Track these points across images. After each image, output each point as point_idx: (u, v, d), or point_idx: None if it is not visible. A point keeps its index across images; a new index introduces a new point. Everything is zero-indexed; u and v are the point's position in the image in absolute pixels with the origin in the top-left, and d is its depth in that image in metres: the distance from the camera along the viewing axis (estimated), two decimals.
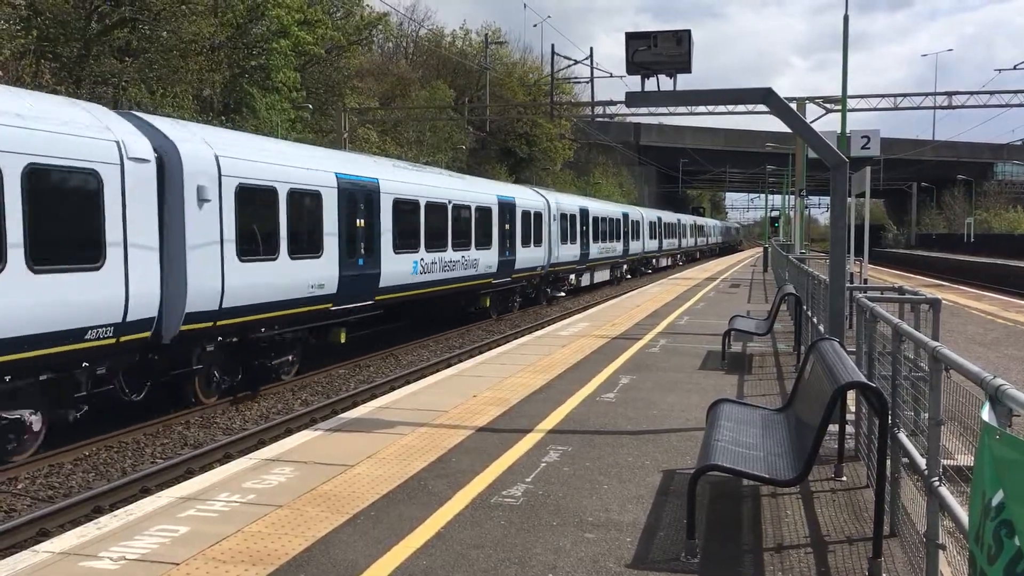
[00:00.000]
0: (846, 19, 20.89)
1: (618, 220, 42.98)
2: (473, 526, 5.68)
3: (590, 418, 8.95)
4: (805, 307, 13.23)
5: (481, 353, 16.35)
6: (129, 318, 10.85)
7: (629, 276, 45.85)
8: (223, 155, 12.68)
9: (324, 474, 6.82)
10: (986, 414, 3.08)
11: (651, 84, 8.88)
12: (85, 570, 4.94)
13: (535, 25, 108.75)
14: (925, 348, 4.76)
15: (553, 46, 68.56)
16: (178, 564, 5.01)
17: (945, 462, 4.45)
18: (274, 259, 13.81)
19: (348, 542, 5.39)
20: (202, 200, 12.06)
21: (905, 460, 5.46)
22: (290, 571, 4.94)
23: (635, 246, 46.36)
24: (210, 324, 12.42)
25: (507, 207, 25.62)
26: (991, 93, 33.99)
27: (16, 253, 9.30)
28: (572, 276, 34.31)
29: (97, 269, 10.40)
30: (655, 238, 53.85)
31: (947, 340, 12.12)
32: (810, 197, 68.11)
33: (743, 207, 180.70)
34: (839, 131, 20.11)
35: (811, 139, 8.88)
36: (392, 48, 60.84)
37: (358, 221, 16.53)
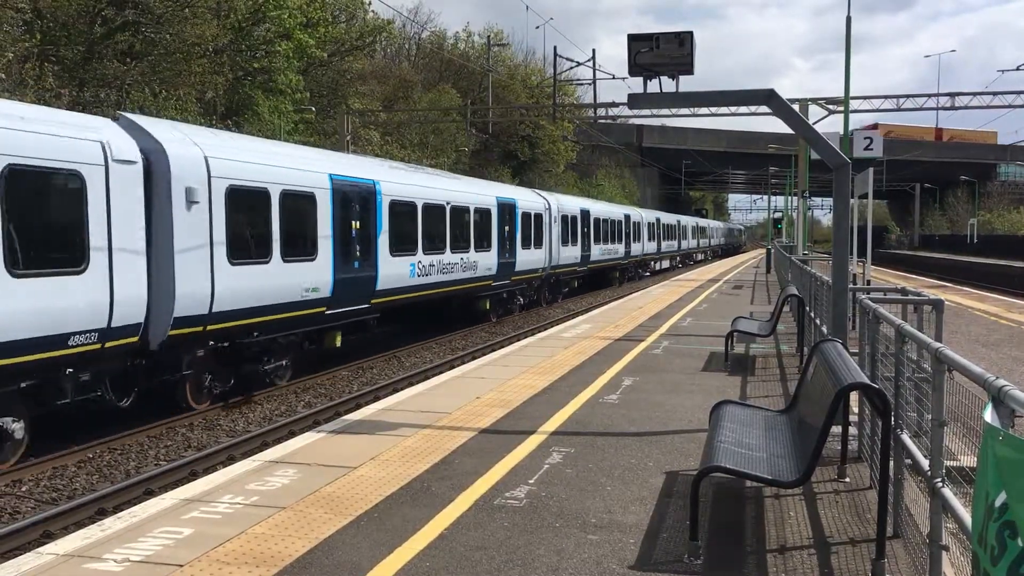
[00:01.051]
0: (848, 20, 20.91)
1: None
2: (476, 528, 5.69)
3: (593, 420, 8.95)
4: (808, 308, 13.22)
5: (484, 355, 16.35)
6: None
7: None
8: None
9: (327, 476, 6.82)
10: (989, 415, 3.08)
11: (653, 86, 8.89)
12: (89, 572, 4.95)
13: (537, 27, 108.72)
14: (928, 349, 4.77)
15: (556, 48, 68.64)
16: (182, 566, 5.01)
17: (948, 463, 4.45)
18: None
19: (351, 544, 5.39)
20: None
21: (908, 461, 5.45)
22: (294, 573, 4.94)
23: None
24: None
25: (507, 208, 25.59)
26: (994, 94, 33.97)
27: None
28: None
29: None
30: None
31: (950, 341, 12.11)
32: (813, 198, 68.14)
33: (746, 208, 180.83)
34: (841, 132, 20.11)
35: (813, 140, 8.88)
36: (395, 51, 60.93)
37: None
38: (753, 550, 5.41)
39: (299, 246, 14.53)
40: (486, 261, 23.57)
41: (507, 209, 25.54)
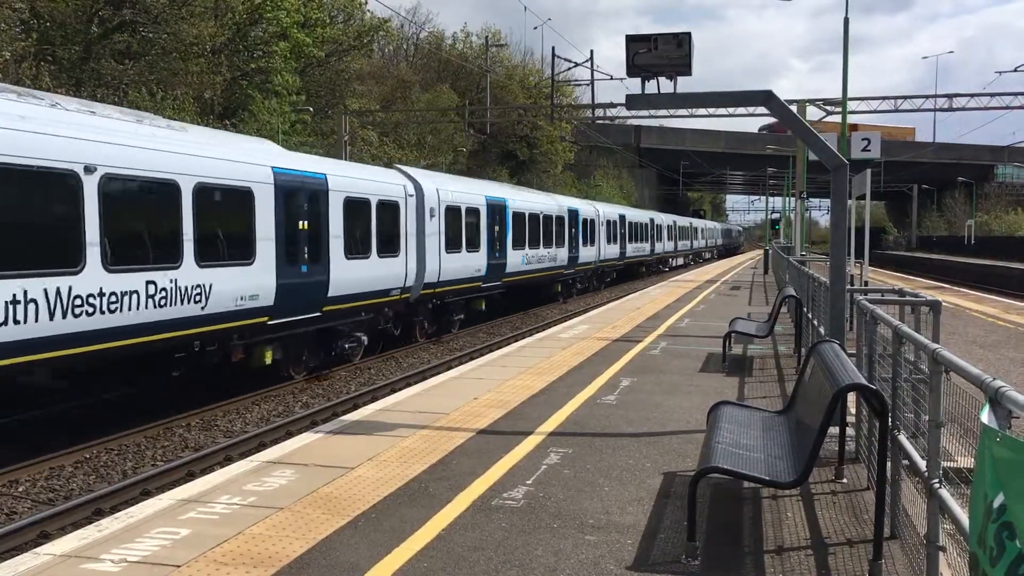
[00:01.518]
0: (846, 22, 20.93)
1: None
2: (474, 528, 5.69)
3: (591, 420, 8.95)
4: (806, 309, 13.23)
5: (482, 355, 16.35)
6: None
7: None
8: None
9: (325, 476, 6.82)
10: (986, 416, 3.08)
11: (651, 87, 8.89)
12: (86, 572, 4.94)
13: (535, 28, 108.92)
14: (925, 350, 4.77)
15: (554, 49, 68.54)
16: (179, 566, 5.01)
17: (945, 464, 4.45)
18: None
19: (349, 544, 5.39)
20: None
21: (905, 462, 5.46)
22: (291, 573, 4.94)
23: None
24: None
25: (574, 215, 32.89)
26: (992, 95, 34.01)
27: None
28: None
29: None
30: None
31: (948, 342, 12.13)
32: (811, 199, 68.21)
33: (744, 209, 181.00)
34: (839, 133, 20.12)
35: (811, 141, 8.89)
36: (393, 51, 60.91)
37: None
38: (751, 551, 5.41)
39: (473, 243, 22.46)
40: (562, 255, 31.12)
41: (574, 215, 32.91)
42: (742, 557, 5.30)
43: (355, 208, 16.50)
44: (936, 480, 4.37)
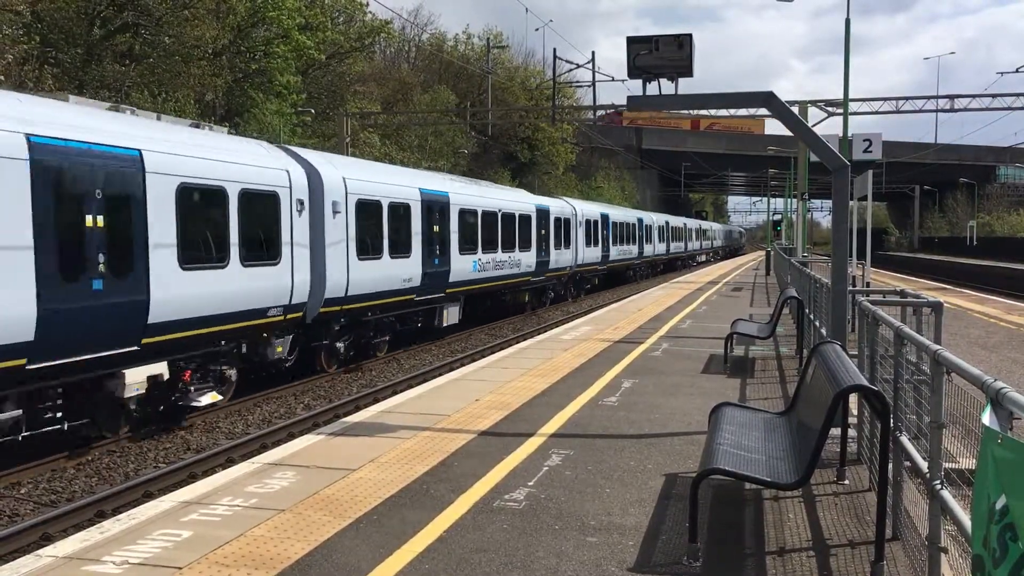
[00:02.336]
0: (847, 23, 20.92)
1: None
2: (475, 530, 5.68)
3: (592, 422, 8.95)
4: (807, 310, 13.22)
5: (483, 357, 16.35)
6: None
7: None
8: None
9: (326, 478, 6.82)
10: (987, 418, 3.08)
11: (652, 88, 8.89)
12: (88, 574, 4.94)
13: (536, 29, 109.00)
14: (926, 351, 4.77)
15: (555, 50, 68.56)
16: (181, 568, 5.01)
17: (947, 465, 4.45)
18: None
19: (350, 546, 5.39)
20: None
21: (907, 463, 5.45)
22: (293, 575, 4.94)
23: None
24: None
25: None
26: (993, 96, 33.99)
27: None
28: None
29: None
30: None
31: (949, 343, 12.12)
32: (812, 201, 68.20)
33: (746, 210, 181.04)
34: (841, 134, 20.13)
35: (812, 143, 8.88)
36: (394, 53, 60.95)
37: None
38: (752, 552, 5.41)
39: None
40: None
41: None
42: (744, 558, 5.30)
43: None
44: (938, 481, 4.36)
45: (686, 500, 5.67)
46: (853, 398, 7.28)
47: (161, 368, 11.47)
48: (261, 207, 13.49)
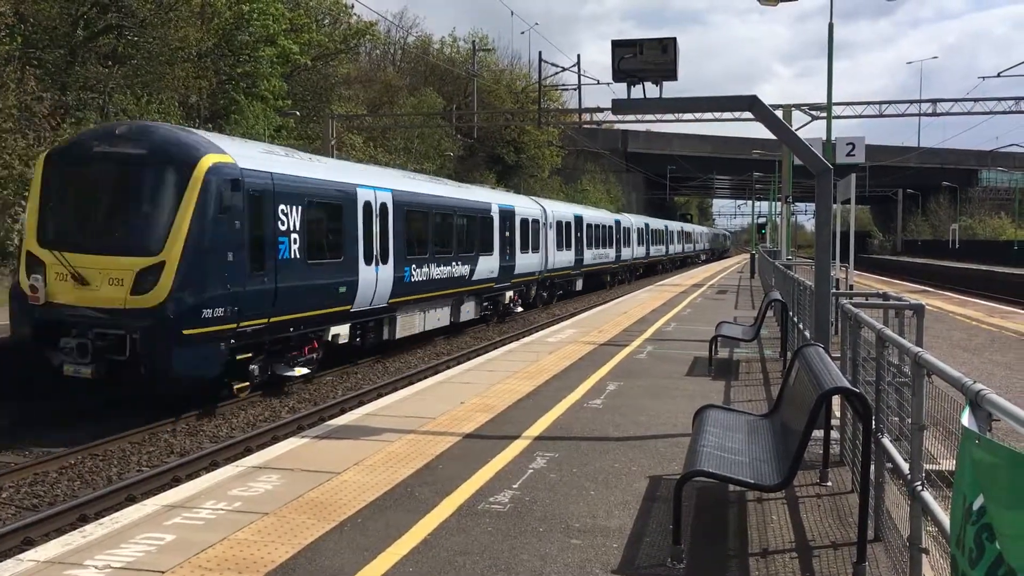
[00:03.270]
0: (831, 27, 21.06)
1: (661, 230, 51.65)
2: (460, 533, 5.69)
3: (577, 424, 8.97)
4: (791, 313, 13.29)
5: (468, 360, 16.34)
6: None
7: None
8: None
9: (311, 481, 6.80)
10: (966, 419, 3.11)
11: (637, 92, 8.92)
12: None
13: (522, 32, 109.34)
14: (908, 354, 4.81)
15: (540, 53, 68.70)
16: (164, 572, 4.99)
17: (928, 467, 4.49)
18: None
19: (335, 549, 5.38)
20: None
21: (889, 465, 5.49)
22: None
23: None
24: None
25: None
26: (975, 100, 34.23)
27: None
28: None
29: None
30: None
31: (932, 346, 12.20)
32: (796, 204, 68.53)
33: (730, 213, 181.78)
34: (824, 138, 20.24)
35: (796, 146, 8.94)
36: (380, 55, 60.85)
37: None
38: (736, 554, 5.43)
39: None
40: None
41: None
42: (727, 560, 5.33)
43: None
44: (919, 483, 4.40)
45: (670, 502, 5.69)
46: (836, 400, 7.31)
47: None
48: (479, 222, 23.99)
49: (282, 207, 13.88)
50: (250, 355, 13.43)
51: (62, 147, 14.12)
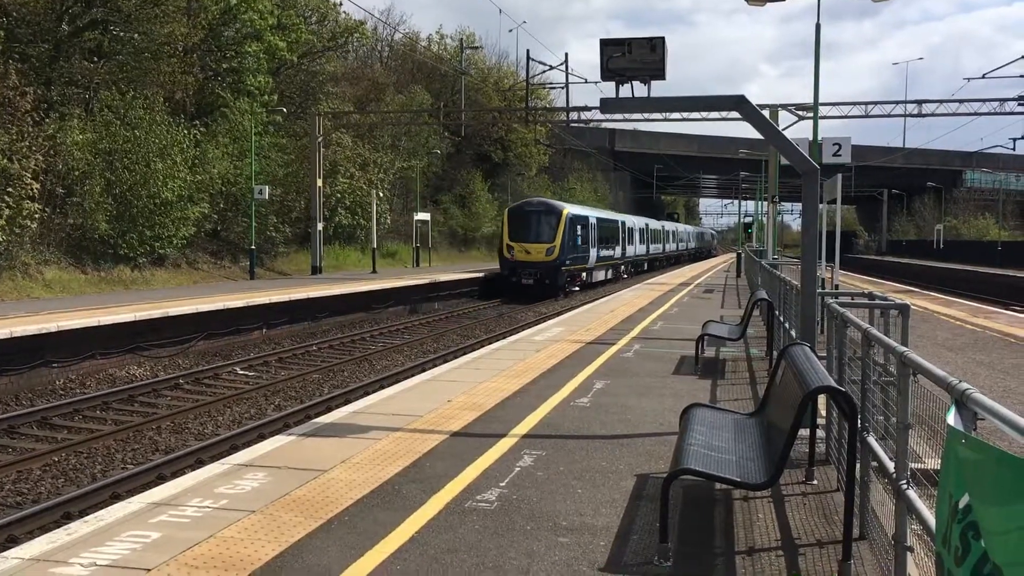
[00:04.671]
0: (818, 28, 21.14)
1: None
2: (447, 531, 5.68)
3: (564, 423, 8.98)
4: (777, 312, 13.34)
5: (456, 358, 16.34)
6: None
7: None
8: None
9: (298, 479, 6.79)
10: (952, 418, 3.13)
11: (625, 90, 8.93)
12: None
13: (510, 31, 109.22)
14: (893, 353, 4.83)
15: (528, 51, 68.71)
16: (150, 570, 4.97)
17: (913, 465, 4.51)
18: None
19: (322, 547, 5.37)
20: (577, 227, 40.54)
21: (874, 464, 5.52)
22: None
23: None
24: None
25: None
26: (960, 101, 34.46)
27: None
28: None
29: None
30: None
31: (917, 345, 12.27)
32: (783, 203, 68.84)
33: (717, 213, 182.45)
34: (811, 138, 20.32)
35: (783, 146, 8.97)
36: (367, 52, 60.70)
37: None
38: (722, 552, 5.45)
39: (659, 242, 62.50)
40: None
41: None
42: (713, 558, 5.35)
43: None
44: (904, 481, 4.42)
45: (657, 500, 5.71)
46: (822, 399, 7.35)
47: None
48: (612, 229, 47.48)
49: (579, 225, 39.48)
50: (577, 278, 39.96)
51: (514, 206, 40.21)
